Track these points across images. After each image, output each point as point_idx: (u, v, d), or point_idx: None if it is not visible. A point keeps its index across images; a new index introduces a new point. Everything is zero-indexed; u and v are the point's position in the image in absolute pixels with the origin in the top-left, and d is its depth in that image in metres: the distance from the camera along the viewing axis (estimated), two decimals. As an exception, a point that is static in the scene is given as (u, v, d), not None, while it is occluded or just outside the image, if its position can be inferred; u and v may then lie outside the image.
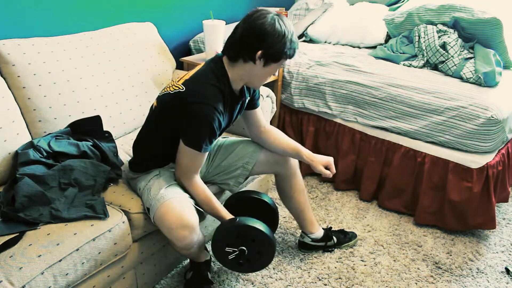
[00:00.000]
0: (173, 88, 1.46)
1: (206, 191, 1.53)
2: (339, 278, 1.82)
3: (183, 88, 1.43)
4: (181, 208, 1.42)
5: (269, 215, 1.81)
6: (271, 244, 1.53)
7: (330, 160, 1.73)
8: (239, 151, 1.75)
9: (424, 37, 2.38)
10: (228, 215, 1.54)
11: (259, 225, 1.50)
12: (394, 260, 1.93)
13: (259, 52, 1.38)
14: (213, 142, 1.47)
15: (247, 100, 1.63)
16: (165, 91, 1.51)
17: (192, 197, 1.53)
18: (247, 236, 1.51)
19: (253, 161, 1.73)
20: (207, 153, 1.50)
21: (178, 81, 1.48)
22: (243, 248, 1.52)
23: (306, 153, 1.72)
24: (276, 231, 2.10)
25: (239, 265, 1.57)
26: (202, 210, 1.53)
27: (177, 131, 1.45)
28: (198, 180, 1.52)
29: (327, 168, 1.72)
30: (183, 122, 1.41)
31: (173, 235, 1.42)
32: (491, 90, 2.06)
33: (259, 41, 1.38)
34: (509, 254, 1.99)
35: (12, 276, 1.16)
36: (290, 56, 1.45)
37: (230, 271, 1.84)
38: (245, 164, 1.73)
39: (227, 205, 1.74)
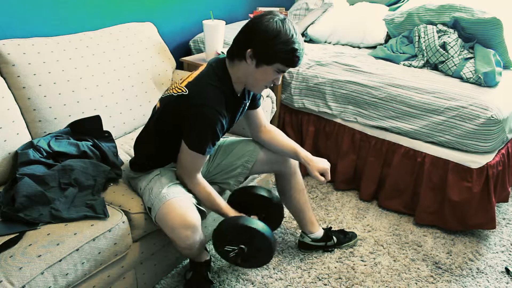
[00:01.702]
0: (176, 91, 1.44)
1: (207, 189, 1.53)
2: (339, 278, 1.82)
3: (186, 91, 1.40)
4: (184, 207, 1.43)
5: (273, 210, 1.81)
6: (270, 244, 1.54)
7: (326, 167, 1.68)
8: (239, 150, 1.75)
9: (424, 37, 2.38)
10: (231, 212, 1.54)
11: (259, 225, 1.51)
12: (394, 260, 1.93)
13: (249, 50, 1.34)
14: (216, 145, 1.47)
15: (248, 102, 1.63)
16: (168, 93, 1.49)
17: (194, 196, 1.53)
18: (247, 235, 1.52)
19: (252, 160, 1.73)
20: (208, 155, 1.51)
21: (181, 83, 1.46)
22: (243, 246, 1.53)
23: (304, 155, 1.70)
24: (276, 231, 2.10)
25: (238, 262, 1.58)
26: (203, 209, 1.53)
27: (179, 133, 1.44)
28: (200, 178, 1.53)
29: (322, 174, 1.69)
30: (186, 124, 1.41)
31: (175, 234, 1.42)
32: (491, 90, 2.06)
33: (249, 38, 1.35)
34: (509, 254, 1.99)
35: (12, 276, 1.16)
36: (287, 62, 1.35)
37: (230, 271, 1.84)
38: (245, 163, 1.73)
39: (230, 201, 1.73)
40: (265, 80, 1.41)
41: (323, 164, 1.68)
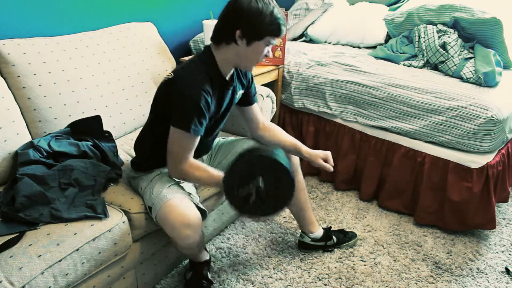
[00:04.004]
0: (164, 79, 1.48)
1: (202, 166, 1.47)
2: (339, 278, 1.82)
3: (171, 75, 1.44)
4: (184, 207, 1.42)
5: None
6: (290, 175, 1.37)
7: (328, 153, 1.73)
8: (239, 148, 1.75)
9: (424, 37, 2.38)
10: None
11: (277, 154, 1.37)
12: (394, 260, 1.93)
13: (238, 32, 1.38)
14: (203, 125, 1.43)
15: (239, 92, 1.62)
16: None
17: (194, 196, 1.53)
18: (259, 168, 1.36)
19: None
20: (198, 138, 1.44)
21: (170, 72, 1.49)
22: (260, 185, 1.35)
23: (305, 149, 1.73)
24: (276, 231, 2.10)
25: (260, 206, 1.38)
26: (204, 208, 1.53)
27: (168, 121, 1.43)
28: (191, 160, 1.47)
29: (326, 161, 1.72)
30: (172, 105, 1.41)
31: (176, 234, 1.42)
32: (491, 90, 2.06)
33: (236, 20, 1.38)
34: (509, 254, 1.99)
35: (12, 276, 1.16)
36: (275, 33, 1.41)
37: (230, 271, 1.84)
38: None
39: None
40: (257, 55, 1.45)
41: (324, 152, 1.73)
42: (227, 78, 1.51)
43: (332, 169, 1.72)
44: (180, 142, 1.43)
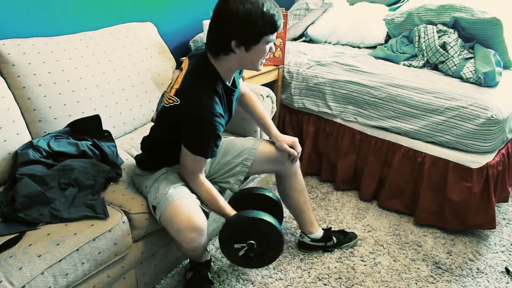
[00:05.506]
0: (167, 101, 1.44)
1: (210, 189, 1.53)
2: (339, 278, 1.82)
3: (177, 101, 1.39)
4: (190, 210, 1.42)
5: (273, 209, 1.80)
6: (280, 235, 1.51)
7: (295, 139, 1.73)
8: (238, 148, 1.75)
9: (424, 37, 2.38)
10: (232, 212, 1.53)
11: (266, 216, 1.49)
12: (394, 260, 1.93)
13: (233, 42, 1.33)
14: (219, 145, 1.46)
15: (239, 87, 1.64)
16: (162, 104, 1.50)
17: (198, 197, 1.53)
18: (255, 229, 1.50)
19: (251, 157, 1.72)
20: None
21: (170, 92, 1.45)
22: (252, 242, 1.51)
23: (274, 132, 1.75)
24: (276, 231, 2.10)
25: (249, 260, 1.55)
26: (206, 210, 1.53)
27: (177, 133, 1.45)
28: (202, 179, 1.52)
29: (292, 147, 1.72)
30: (185, 131, 1.41)
31: (182, 237, 1.42)
32: (491, 90, 2.06)
33: (227, 31, 1.33)
34: (509, 254, 1.99)
35: (12, 276, 1.16)
36: (271, 31, 1.34)
37: (230, 271, 1.84)
38: (244, 161, 1.73)
39: (230, 204, 1.73)
40: (261, 56, 1.41)
41: (291, 138, 1.74)
42: (229, 84, 1.51)
43: (295, 153, 1.72)
44: (194, 162, 1.46)
